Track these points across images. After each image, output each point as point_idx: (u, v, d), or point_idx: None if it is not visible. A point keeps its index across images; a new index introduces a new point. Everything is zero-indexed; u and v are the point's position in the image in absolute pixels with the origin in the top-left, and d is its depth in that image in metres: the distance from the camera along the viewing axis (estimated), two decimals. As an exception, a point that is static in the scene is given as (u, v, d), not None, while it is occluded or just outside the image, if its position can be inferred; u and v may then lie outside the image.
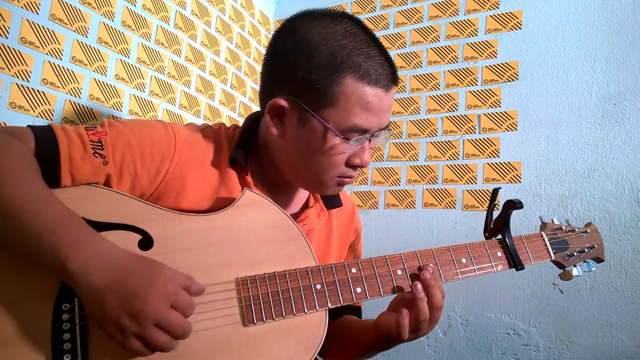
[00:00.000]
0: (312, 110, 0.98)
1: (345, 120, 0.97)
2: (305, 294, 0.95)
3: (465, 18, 2.17)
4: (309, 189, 1.14)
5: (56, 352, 0.80)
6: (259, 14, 2.49)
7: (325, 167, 1.03)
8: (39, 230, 0.77)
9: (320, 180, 1.06)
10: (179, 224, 0.93)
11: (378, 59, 0.99)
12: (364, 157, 1.04)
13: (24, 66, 1.39)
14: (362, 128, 0.99)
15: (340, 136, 0.98)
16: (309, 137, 1.00)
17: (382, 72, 0.99)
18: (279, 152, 1.08)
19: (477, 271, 1.07)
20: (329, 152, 1.00)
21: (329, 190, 1.10)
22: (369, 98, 0.97)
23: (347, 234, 1.28)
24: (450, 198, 2.04)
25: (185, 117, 1.96)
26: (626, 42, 1.84)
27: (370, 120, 0.99)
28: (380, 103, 0.99)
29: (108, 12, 1.64)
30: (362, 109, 0.97)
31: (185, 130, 1.07)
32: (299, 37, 1.00)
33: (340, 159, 1.02)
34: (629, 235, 1.72)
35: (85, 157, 0.90)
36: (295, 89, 0.99)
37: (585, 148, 1.84)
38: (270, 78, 1.07)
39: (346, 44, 0.97)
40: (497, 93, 2.03)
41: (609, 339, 1.69)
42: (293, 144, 1.03)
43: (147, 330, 0.75)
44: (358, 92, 0.96)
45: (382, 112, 1.00)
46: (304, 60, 0.97)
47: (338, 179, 1.06)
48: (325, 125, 0.97)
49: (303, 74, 0.97)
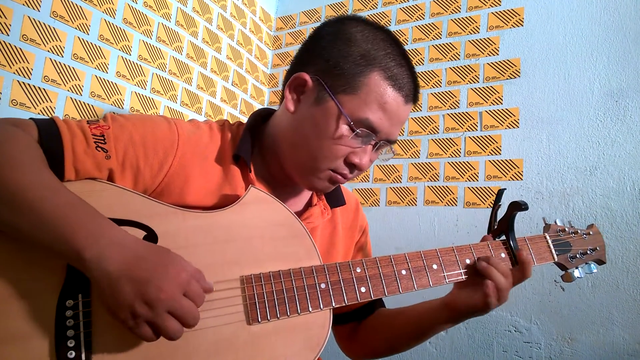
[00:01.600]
0: (332, 92, 1.00)
1: (360, 111, 0.99)
2: (309, 293, 0.94)
3: (467, 15, 2.16)
4: (300, 178, 1.10)
5: (60, 347, 0.79)
6: (260, 11, 2.49)
7: (324, 153, 1.02)
8: (51, 217, 0.77)
9: (314, 167, 1.05)
10: (183, 221, 0.93)
11: (407, 72, 1.03)
12: (363, 158, 1.04)
13: (26, 63, 1.38)
14: (372, 126, 1.00)
15: (349, 124, 0.99)
16: (320, 117, 1.01)
17: (407, 83, 1.03)
18: (286, 131, 1.08)
19: None
20: (334, 138, 1.01)
21: (319, 184, 1.08)
22: (389, 99, 1.00)
23: (352, 231, 1.28)
24: (451, 195, 2.04)
25: (186, 115, 1.96)
26: (628, 39, 1.84)
27: (382, 121, 1.01)
28: (397, 109, 1.02)
29: (109, 9, 1.64)
30: (378, 107, 1.00)
31: (188, 125, 1.06)
32: (342, 29, 1.05)
33: (341, 150, 1.02)
34: (630, 232, 1.72)
35: (88, 151, 0.90)
36: (322, 69, 1.03)
37: (587, 145, 1.84)
38: (302, 57, 1.10)
39: (383, 47, 1.02)
40: (499, 90, 2.03)
41: (610, 336, 1.69)
42: (302, 122, 1.05)
43: (160, 316, 0.75)
44: (381, 90, 1.00)
45: (395, 119, 1.02)
46: (340, 46, 1.02)
47: (331, 173, 1.05)
48: (339, 109, 0.99)
49: (335, 58, 1.01)
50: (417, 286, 1.03)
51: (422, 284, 1.03)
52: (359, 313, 1.26)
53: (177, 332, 0.77)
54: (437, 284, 1.04)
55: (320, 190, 1.12)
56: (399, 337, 1.19)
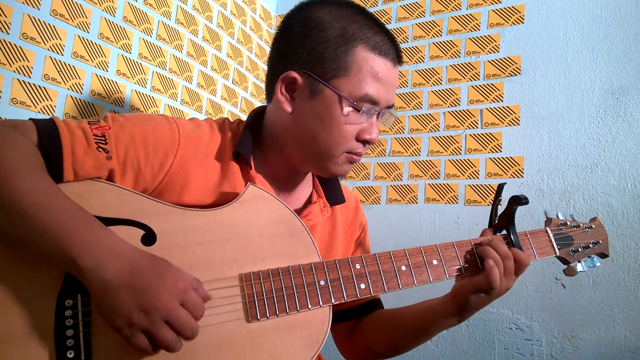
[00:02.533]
0: (324, 80, 1.00)
1: (358, 89, 1.00)
2: (309, 290, 0.94)
3: (467, 12, 2.16)
4: (319, 170, 1.11)
5: (59, 347, 0.80)
6: (261, 9, 2.49)
7: (335, 139, 1.03)
8: (47, 225, 0.77)
9: (330, 155, 1.05)
10: (182, 220, 0.93)
11: (385, 36, 1.04)
12: (373, 132, 1.05)
13: (25, 62, 1.38)
14: (373, 98, 1.01)
15: (352, 104, 1.00)
16: (321, 107, 1.02)
17: (390, 47, 1.04)
18: (288, 130, 1.08)
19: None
20: (341, 121, 1.01)
21: (338, 168, 1.08)
22: (379, 69, 1.01)
23: (352, 229, 1.28)
24: (452, 193, 2.04)
25: (186, 113, 1.96)
26: (629, 36, 1.83)
27: (380, 92, 1.02)
28: (390, 75, 1.03)
29: (109, 8, 1.64)
30: (373, 79, 1.01)
31: (188, 124, 1.06)
32: (309, 15, 1.04)
33: (352, 130, 1.03)
34: (631, 229, 1.71)
35: (88, 151, 0.90)
36: (306, 62, 1.02)
37: (587, 143, 1.84)
38: (278, 57, 1.09)
39: (356, 19, 1.03)
40: (500, 88, 2.03)
41: (611, 333, 1.69)
42: (303, 118, 1.05)
43: (156, 325, 0.75)
44: (370, 62, 1.01)
45: (389, 85, 1.04)
46: (316, 35, 1.02)
47: (347, 155, 1.06)
48: (338, 93, 1.00)
49: (314, 46, 1.01)
50: (417, 282, 1.02)
51: (422, 279, 1.03)
52: (358, 310, 1.25)
53: (172, 342, 0.77)
54: (438, 279, 1.04)
55: (341, 174, 1.12)
56: (401, 335, 1.18)
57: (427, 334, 1.15)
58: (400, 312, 1.21)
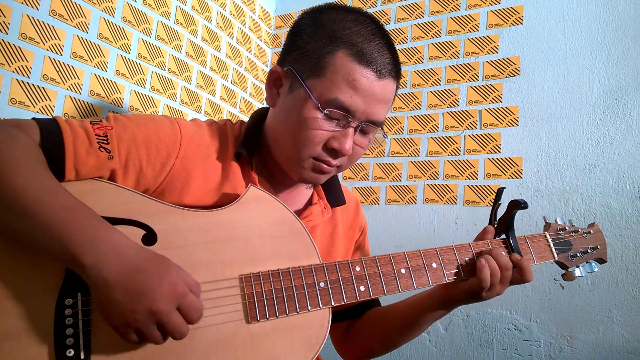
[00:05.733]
0: (302, 78, 1.00)
1: (328, 92, 0.97)
2: (308, 292, 0.94)
3: (466, 13, 2.16)
4: (288, 170, 1.09)
5: (59, 345, 0.80)
6: (260, 10, 2.48)
7: (301, 141, 1.00)
8: (49, 221, 0.77)
9: (297, 157, 1.03)
10: (182, 220, 0.93)
11: (378, 46, 1.00)
12: (343, 141, 0.99)
13: (24, 62, 1.38)
14: (344, 105, 0.97)
15: (317, 105, 0.97)
16: (293, 105, 1.01)
17: (378, 57, 0.99)
18: (270, 125, 1.10)
19: None
20: (307, 123, 0.99)
21: (305, 174, 1.06)
22: (357, 76, 0.97)
23: (352, 230, 1.28)
24: (451, 193, 2.04)
25: (186, 113, 1.96)
26: (627, 37, 1.84)
27: (354, 100, 0.97)
28: (369, 85, 0.98)
29: (108, 8, 1.64)
30: (347, 85, 0.97)
31: (190, 125, 1.06)
32: (314, 17, 1.05)
33: (317, 135, 0.99)
34: (630, 230, 1.72)
35: (90, 151, 0.90)
36: (295, 59, 1.03)
37: (586, 143, 1.84)
38: (280, 54, 1.11)
39: (350, 26, 1.00)
40: (498, 88, 2.03)
41: (610, 334, 1.70)
42: (280, 114, 1.06)
43: (148, 328, 0.76)
44: (347, 67, 0.97)
45: (370, 96, 0.99)
46: (309, 33, 1.02)
47: (314, 161, 1.03)
48: (308, 92, 0.98)
49: (303, 44, 1.02)
50: (417, 285, 1.02)
51: (421, 282, 1.03)
52: (354, 310, 1.26)
53: (158, 341, 0.79)
54: (437, 282, 1.04)
55: (309, 181, 1.09)
56: (393, 330, 1.19)
57: (418, 327, 1.16)
58: (391, 308, 1.22)
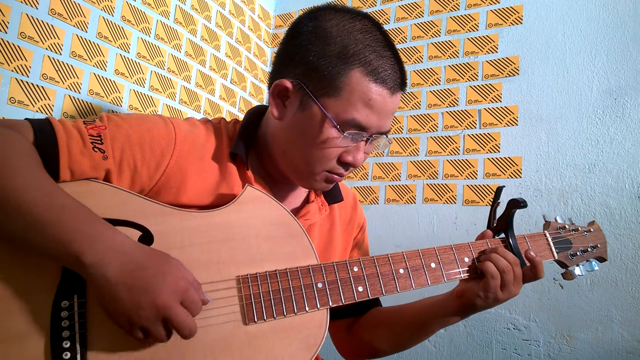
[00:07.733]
0: (315, 96, 0.98)
1: (345, 112, 0.97)
2: (306, 293, 0.94)
3: (465, 13, 2.16)
4: (298, 181, 1.11)
5: (55, 347, 0.80)
6: (259, 9, 2.48)
7: (316, 158, 1.02)
8: (47, 221, 0.77)
9: (309, 171, 1.04)
10: (179, 221, 0.93)
11: (390, 60, 1.00)
12: (357, 156, 1.02)
13: (24, 61, 1.38)
14: (361, 124, 0.98)
15: (336, 127, 0.97)
16: (307, 123, 1.00)
17: (391, 74, 0.99)
18: (276, 136, 1.08)
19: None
20: (323, 142, 0.99)
21: (316, 185, 1.08)
22: (373, 95, 0.97)
23: (350, 227, 1.28)
24: (450, 193, 2.04)
25: (185, 112, 1.96)
26: (627, 37, 1.83)
27: (370, 119, 0.99)
28: (384, 103, 0.99)
29: (108, 7, 1.64)
30: (363, 105, 0.97)
31: (185, 124, 1.06)
32: (317, 25, 1.01)
33: (333, 152, 1.01)
34: (629, 230, 1.72)
35: (84, 151, 0.90)
36: (303, 73, 1.00)
37: (585, 143, 1.84)
38: (281, 60, 1.07)
39: (361, 39, 0.98)
40: (498, 88, 2.03)
41: (609, 333, 1.70)
42: (290, 129, 1.04)
43: (154, 324, 0.77)
44: (363, 87, 0.97)
45: (383, 113, 1.00)
46: (317, 46, 0.99)
47: (327, 174, 1.05)
48: (324, 113, 0.97)
49: (313, 59, 0.98)
50: (415, 285, 1.02)
51: (420, 282, 1.03)
52: (357, 308, 1.25)
53: (164, 339, 0.80)
54: (436, 282, 1.04)
55: (318, 189, 1.12)
56: (403, 332, 1.18)
57: (429, 331, 1.15)
58: (402, 309, 1.21)
